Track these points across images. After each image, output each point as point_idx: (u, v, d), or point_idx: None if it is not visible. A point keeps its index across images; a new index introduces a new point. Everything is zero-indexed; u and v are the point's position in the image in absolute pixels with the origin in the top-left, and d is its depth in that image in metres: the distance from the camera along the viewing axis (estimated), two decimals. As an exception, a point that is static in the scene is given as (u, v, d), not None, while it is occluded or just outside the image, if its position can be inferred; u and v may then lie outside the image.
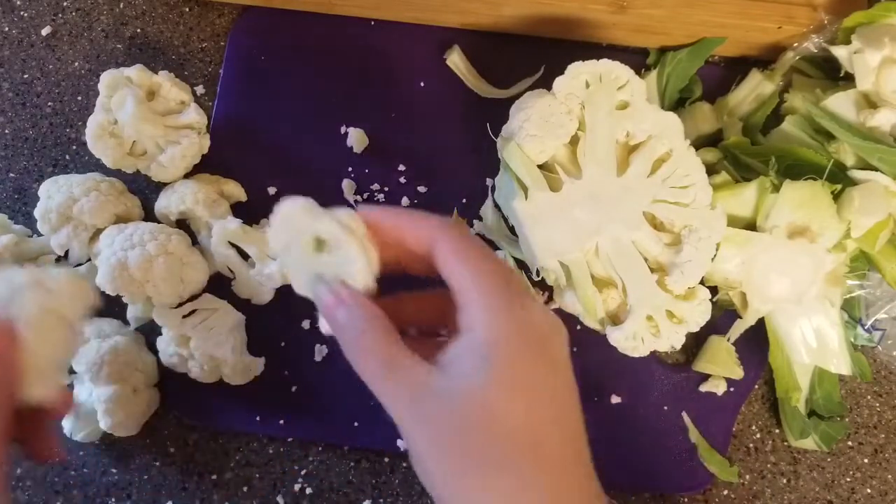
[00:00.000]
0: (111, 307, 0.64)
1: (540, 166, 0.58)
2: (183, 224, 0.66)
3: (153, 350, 0.63)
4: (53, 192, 0.63)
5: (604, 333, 0.59)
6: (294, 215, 0.40)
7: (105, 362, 0.59)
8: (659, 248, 0.57)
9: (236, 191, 0.66)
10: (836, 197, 0.57)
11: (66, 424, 0.62)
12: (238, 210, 0.65)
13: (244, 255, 0.64)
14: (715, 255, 0.56)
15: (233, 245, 0.64)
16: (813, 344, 0.61)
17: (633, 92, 0.58)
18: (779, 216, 0.57)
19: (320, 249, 0.39)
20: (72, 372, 0.63)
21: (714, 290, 0.59)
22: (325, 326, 0.41)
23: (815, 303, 0.60)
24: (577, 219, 0.57)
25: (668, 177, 0.56)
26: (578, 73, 0.58)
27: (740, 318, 0.61)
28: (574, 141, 0.58)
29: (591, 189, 0.57)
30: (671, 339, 0.57)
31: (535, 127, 0.57)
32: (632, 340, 0.57)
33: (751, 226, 0.59)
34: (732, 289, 0.59)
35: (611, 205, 0.56)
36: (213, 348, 0.61)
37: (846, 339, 0.61)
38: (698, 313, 0.57)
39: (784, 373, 0.61)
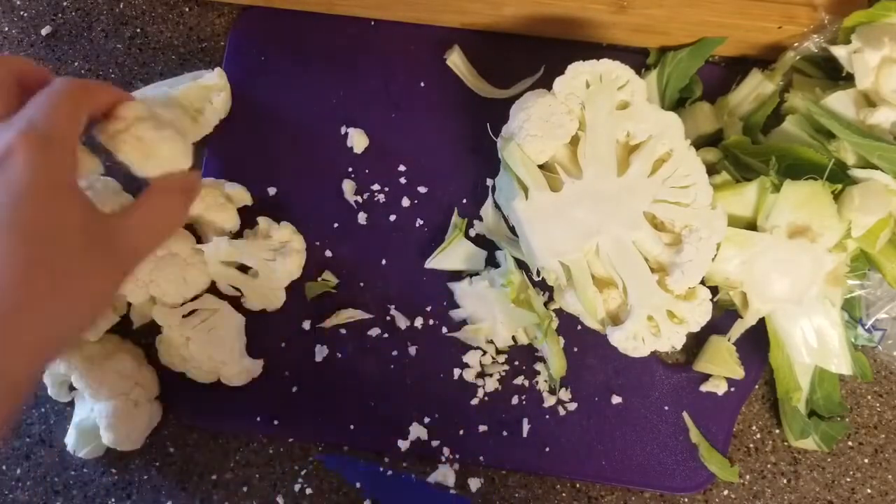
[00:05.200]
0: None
1: (540, 166, 0.58)
2: (187, 227, 0.66)
3: (153, 362, 0.63)
4: None
5: (604, 333, 0.59)
6: None
7: (106, 378, 0.59)
8: (659, 248, 0.57)
9: (242, 195, 0.66)
10: (837, 196, 0.57)
11: (69, 441, 0.62)
12: (239, 211, 0.65)
13: (244, 269, 0.64)
14: (715, 255, 0.56)
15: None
16: (814, 344, 0.61)
17: (633, 92, 0.58)
18: (779, 216, 0.57)
19: None
20: (72, 389, 0.63)
21: (714, 290, 0.59)
22: None
23: (816, 303, 0.60)
24: (577, 219, 0.57)
25: (668, 177, 0.56)
26: (579, 72, 0.57)
27: (741, 318, 0.61)
28: (574, 141, 0.58)
29: (592, 189, 0.57)
30: (672, 339, 0.57)
31: (535, 127, 0.57)
32: (632, 340, 0.57)
33: (751, 226, 0.59)
34: (733, 289, 0.59)
35: (611, 205, 0.56)
36: (212, 350, 0.61)
37: (847, 339, 0.61)
38: (699, 313, 0.57)
39: (785, 373, 0.61)
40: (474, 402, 0.64)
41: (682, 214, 0.56)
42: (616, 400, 0.64)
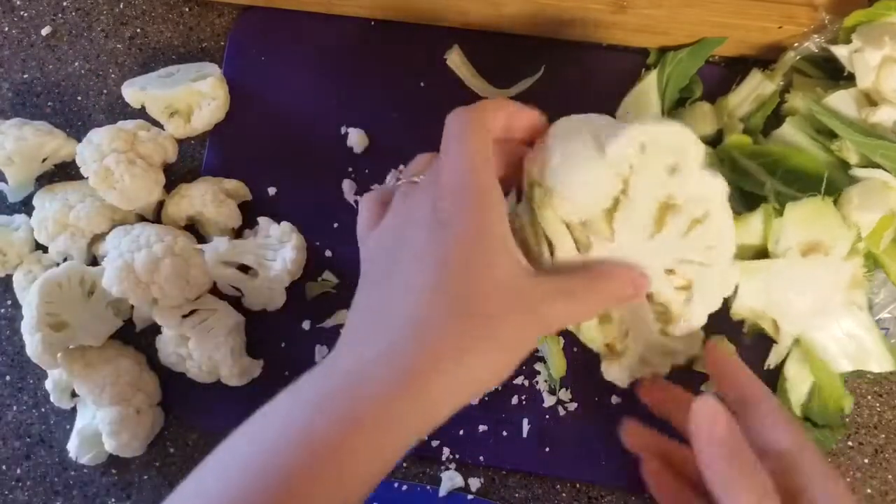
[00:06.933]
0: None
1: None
2: (189, 227, 0.66)
3: (154, 367, 0.64)
4: (48, 201, 0.63)
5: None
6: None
7: (108, 384, 0.59)
8: (670, 291, 0.51)
9: (241, 190, 0.66)
10: (836, 201, 0.57)
11: (72, 448, 0.62)
12: (240, 210, 0.65)
13: (244, 269, 0.64)
14: (735, 293, 0.55)
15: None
16: (850, 350, 0.60)
17: (686, 157, 0.49)
18: (789, 238, 0.56)
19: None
20: (74, 395, 0.63)
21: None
22: None
23: (843, 309, 0.59)
24: None
25: (698, 238, 0.50)
26: (635, 137, 0.48)
27: (775, 342, 0.60)
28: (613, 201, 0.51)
29: (621, 254, 0.50)
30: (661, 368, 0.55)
31: (574, 190, 0.48)
32: (627, 378, 0.55)
33: (762, 253, 0.58)
34: (761, 318, 0.58)
35: (634, 261, 0.50)
36: (211, 349, 0.61)
37: (881, 337, 0.60)
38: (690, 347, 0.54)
39: (828, 383, 0.60)
40: (474, 401, 0.64)
41: (700, 271, 0.51)
42: (616, 400, 0.64)
